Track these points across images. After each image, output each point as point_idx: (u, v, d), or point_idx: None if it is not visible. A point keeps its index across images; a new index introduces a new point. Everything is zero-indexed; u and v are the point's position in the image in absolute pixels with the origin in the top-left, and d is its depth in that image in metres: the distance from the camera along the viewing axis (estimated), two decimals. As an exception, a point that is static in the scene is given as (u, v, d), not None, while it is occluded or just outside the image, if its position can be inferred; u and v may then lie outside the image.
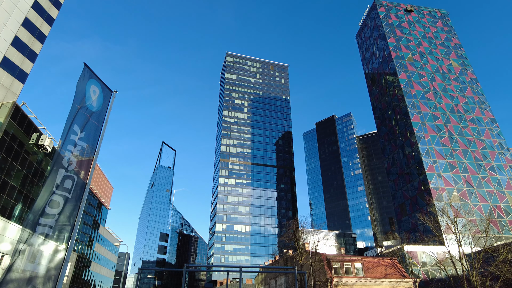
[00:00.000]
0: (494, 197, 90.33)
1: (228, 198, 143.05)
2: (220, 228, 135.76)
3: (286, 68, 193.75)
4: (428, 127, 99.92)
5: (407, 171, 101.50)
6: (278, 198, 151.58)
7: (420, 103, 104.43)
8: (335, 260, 48.50)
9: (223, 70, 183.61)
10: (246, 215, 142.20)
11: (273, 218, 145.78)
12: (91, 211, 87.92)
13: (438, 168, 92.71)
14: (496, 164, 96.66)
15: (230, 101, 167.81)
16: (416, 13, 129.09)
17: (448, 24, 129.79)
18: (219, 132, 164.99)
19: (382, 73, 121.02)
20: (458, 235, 47.57)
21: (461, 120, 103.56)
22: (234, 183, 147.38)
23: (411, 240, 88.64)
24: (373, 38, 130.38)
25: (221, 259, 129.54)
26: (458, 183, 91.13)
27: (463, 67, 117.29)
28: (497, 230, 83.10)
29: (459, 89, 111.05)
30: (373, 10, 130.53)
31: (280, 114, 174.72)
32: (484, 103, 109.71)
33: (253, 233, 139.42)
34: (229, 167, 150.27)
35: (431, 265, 67.19)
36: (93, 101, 11.70)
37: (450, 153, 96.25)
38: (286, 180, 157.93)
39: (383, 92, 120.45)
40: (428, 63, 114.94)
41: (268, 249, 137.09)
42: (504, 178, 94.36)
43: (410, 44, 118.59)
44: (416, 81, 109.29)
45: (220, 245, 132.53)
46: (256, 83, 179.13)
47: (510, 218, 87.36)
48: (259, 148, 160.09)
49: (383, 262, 50.80)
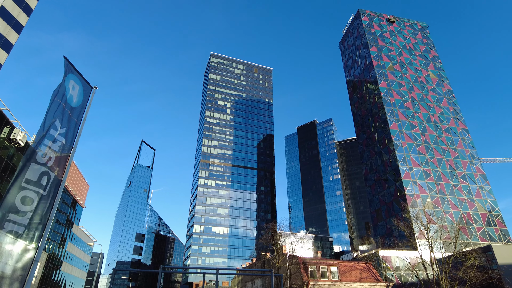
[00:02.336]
0: (464, 205, 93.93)
1: (207, 200, 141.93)
2: (198, 229, 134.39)
3: (270, 72, 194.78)
4: (406, 135, 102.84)
5: (384, 177, 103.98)
6: (257, 201, 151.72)
7: (399, 112, 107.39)
8: (311, 263, 48.99)
9: (207, 70, 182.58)
10: (225, 217, 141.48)
11: (252, 221, 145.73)
12: (65, 209, 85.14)
13: (414, 175, 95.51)
14: (467, 173, 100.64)
15: (213, 101, 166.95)
16: (397, 24, 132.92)
17: (427, 37, 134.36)
18: (200, 132, 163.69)
19: (363, 80, 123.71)
20: (430, 241, 49.18)
21: (436, 130, 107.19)
22: (214, 184, 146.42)
23: (386, 245, 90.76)
24: (355, 46, 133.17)
25: (197, 261, 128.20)
26: (432, 191, 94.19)
27: (440, 79, 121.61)
28: (466, 236, 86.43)
29: (436, 99, 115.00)
30: (357, 18, 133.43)
31: (263, 117, 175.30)
32: (458, 114, 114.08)
33: (231, 235, 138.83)
34: (210, 168, 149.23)
35: (404, 270, 68.97)
36: (73, 96, 11.38)
37: (425, 161, 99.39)
38: (266, 183, 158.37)
39: (363, 100, 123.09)
40: (408, 73, 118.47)
41: (246, 252, 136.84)
42: (474, 186, 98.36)
43: (391, 53, 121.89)
44: (395, 90, 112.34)
45: (198, 246, 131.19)
46: (239, 85, 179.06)
47: (479, 225, 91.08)
48: (240, 150, 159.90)
49: (358, 266, 51.74)
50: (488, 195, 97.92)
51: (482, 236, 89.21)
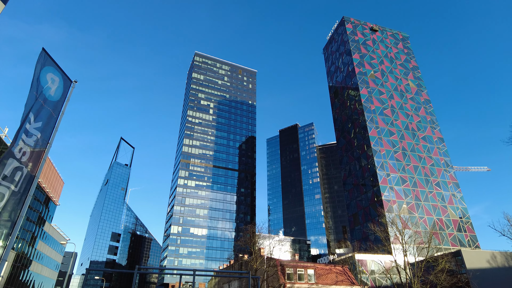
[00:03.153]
0: (437, 211, 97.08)
1: (186, 200, 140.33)
2: (175, 230, 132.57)
3: (254, 74, 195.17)
4: (384, 142, 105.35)
5: (362, 182, 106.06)
6: (237, 202, 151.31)
7: (378, 119, 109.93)
8: (289, 266, 49.27)
9: (191, 69, 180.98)
10: (203, 218, 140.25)
11: (231, 222, 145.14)
12: (37, 207, 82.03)
13: (391, 181, 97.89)
14: (441, 181, 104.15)
15: (196, 101, 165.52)
16: (380, 33, 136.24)
17: (408, 47, 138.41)
18: (181, 132, 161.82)
19: (345, 87, 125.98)
20: (404, 246, 50.52)
21: (414, 137, 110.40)
22: (194, 185, 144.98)
23: (362, 249, 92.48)
24: (339, 52, 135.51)
25: (174, 262, 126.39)
26: (408, 197, 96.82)
27: (419, 88, 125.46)
28: (438, 241, 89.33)
29: (414, 108, 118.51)
30: (341, 25, 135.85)
31: (246, 119, 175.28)
32: (435, 123, 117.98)
33: (209, 236, 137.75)
34: (190, 168, 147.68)
35: (379, 273, 70.45)
36: (51, 90, 10.96)
37: (402, 167, 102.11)
38: (247, 185, 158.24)
39: (344, 105, 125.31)
40: (388, 81, 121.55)
41: (224, 253, 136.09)
42: (448, 193, 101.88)
43: (373, 61, 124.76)
44: (376, 97, 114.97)
45: (175, 247, 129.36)
46: (223, 86, 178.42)
47: (450, 231, 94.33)
48: (222, 151, 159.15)
49: (334, 269, 52.44)
50: (459, 202, 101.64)
51: (453, 241, 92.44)
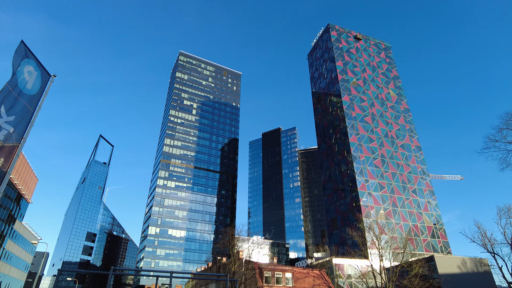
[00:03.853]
0: (413, 217, 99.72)
1: (165, 201, 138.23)
2: (153, 231, 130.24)
3: (239, 76, 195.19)
4: (364, 149, 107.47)
5: (341, 187, 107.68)
6: (217, 204, 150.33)
7: (359, 126, 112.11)
8: (267, 269, 49.30)
9: (175, 68, 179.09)
10: (182, 219, 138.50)
11: (210, 224, 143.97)
12: (7, 204, 78.77)
13: (369, 187, 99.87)
14: (418, 188, 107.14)
15: (179, 101, 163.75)
16: (364, 41, 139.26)
17: (390, 56, 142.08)
18: (163, 131, 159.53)
19: (328, 93, 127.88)
20: (380, 251, 51.54)
21: (393, 145, 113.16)
22: (174, 185, 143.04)
23: (340, 253, 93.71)
24: (323, 59, 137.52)
25: (151, 263, 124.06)
26: (385, 203, 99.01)
27: (399, 97, 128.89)
28: (413, 247, 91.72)
29: (394, 116, 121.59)
30: (326, 33, 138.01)
31: (229, 121, 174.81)
32: (413, 131, 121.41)
33: (188, 238, 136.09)
34: (170, 168, 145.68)
35: (355, 278, 71.53)
36: (28, 83, 10.57)
37: (381, 174, 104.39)
38: (228, 187, 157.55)
39: (326, 111, 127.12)
40: (370, 89, 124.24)
41: (202, 256, 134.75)
42: (423, 200, 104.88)
43: (356, 69, 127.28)
44: (357, 105, 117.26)
45: (152, 249, 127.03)
46: (207, 86, 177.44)
47: (424, 237, 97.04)
48: (203, 152, 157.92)
49: (312, 273, 52.85)
50: (434, 209, 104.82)
51: (427, 247, 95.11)
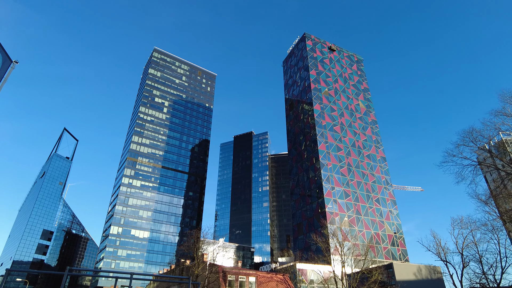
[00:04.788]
0: (375, 226, 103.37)
1: (130, 200, 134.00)
2: (115, 231, 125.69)
3: (214, 77, 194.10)
4: (332, 157, 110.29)
5: (308, 193, 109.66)
6: (184, 206, 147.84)
7: (328, 134, 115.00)
8: (231, 273, 49.07)
9: (148, 64, 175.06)
10: (146, 220, 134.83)
11: (175, 226, 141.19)
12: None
13: (335, 194, 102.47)
14: (381, 197, 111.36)
15: (150, 98, 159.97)
16: (337, 53, 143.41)
17: (361, 69, 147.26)
18: (131, 128, 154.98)
19: (300, 101, 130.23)
20: (343, 257, 52.90)
21: (359, 155, 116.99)
22: (139, 185, 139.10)
23: (304, 259, 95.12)
24: (297, 67, 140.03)
25: (111, 264, 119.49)
26: (350, 210, 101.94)
27: (368, 109, 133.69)
28: (374, 254, 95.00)
29: (362, 127, 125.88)
30: (302, 41, 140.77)
31: (201, 121, 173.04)
32: (379, 143, 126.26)
33: (151, 239, 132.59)
34: (137, 167, 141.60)
35: (317, 283, 72.81)
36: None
37: (346, 182, 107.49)
38: (196, 188, 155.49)
39: (298, 118, 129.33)
40: (340, 100, 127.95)
41: (165, 258, 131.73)
42: (385, 210, 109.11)
43: (328, 79, 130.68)
44: (327, 114, 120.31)
45: (113, 249, 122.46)
46: (181, 85, 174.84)
47: (385, 245, 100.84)
48: (173, 152, 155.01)
49: (275, 278, 53.24)
50: (395, 218, 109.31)
51: (387, 254, 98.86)
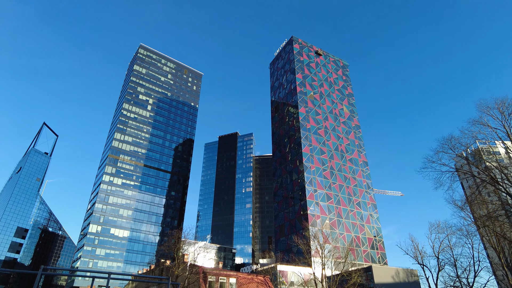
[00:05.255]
0: (356, 229, 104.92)
1: (110, 199, 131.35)
2: (94, 229, 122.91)
3: (200, 76, 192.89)
4: (315, 160, 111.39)
5: (291, 195, 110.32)
6: (166, 206, 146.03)
7: (312, 137, 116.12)
8: (211, 273, 48.79)
9: (133, 61, 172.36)
10: (127, 219, 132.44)
11: (156, 226, 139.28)
12: None
13: (317, 196, 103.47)
14: (362, 201, 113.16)
15: (134, 95, 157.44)
16: (324, 57, 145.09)
17: (347, 74, 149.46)
18: (114, 125, 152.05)
19: (286, 103, 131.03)
20: (323, 259, 53.43)
21: (342, 158, 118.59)
22: (120, 183, 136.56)
23: (285, 260, 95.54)
24: (284, 70, 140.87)
25: (89, 263, 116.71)
26: (331, 213, 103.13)
27: (351, 114, 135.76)
28: (354, 257, 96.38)
29: (345, 131, 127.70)
30: (289, 44, 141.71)
31: (185, 120, 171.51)
32: (362, 147, 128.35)
33: (131, 239, 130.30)
34: (118, 165, 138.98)
35: (298, 285, 73.24)
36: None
37: (329, 185, 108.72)
38: (178, 188, 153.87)
39: (283, 121, 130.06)
40: (325, 104, 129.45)
41: (145, 258, 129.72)
42: (366, 213, 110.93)
43: (314, 83, 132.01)
44: (312, 117, 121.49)
45: (91, 248, 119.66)
46: (166, 83, 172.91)
47: (365, 248, 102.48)
48: (156, 150, 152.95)
49: (256, 279, 53.25)
50: (375, 222, 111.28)
51: (366, 257, 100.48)
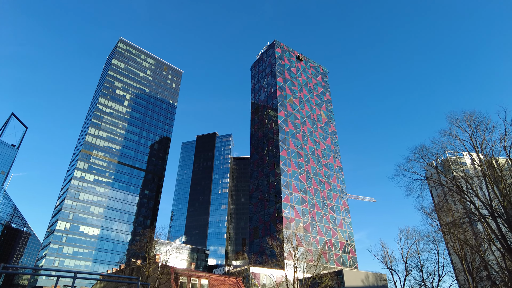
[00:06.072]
0: (329, 232, 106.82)
1: (81, 195, 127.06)
2: (62, 226, 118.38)
3: (180, 74, 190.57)
4: (292, 163, 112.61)
5: (267, 198, 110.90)
6: (139, 204, 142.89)
7: (290, 141, 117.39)
8: (183, 274, 48.24)
9: (112, 55, 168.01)
10: (98, 216, 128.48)
11: (128, 225, 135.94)
12: None
13: (292, 200, 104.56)
14: (336, 205, 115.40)
15: (111, 89, 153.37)
16: (304, 63, 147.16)
17: (326, 81, 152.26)
18: (88, 119, 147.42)
19: (266, 106, 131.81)
20: (296, 262, 54.04)
21: (318, 163, 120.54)
22: (93, 179, 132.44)
23: (258, 262, 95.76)
24: (265, 73, 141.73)
25: (55, 262, 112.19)
26: (305, 216, 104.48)
27: (329, 120, 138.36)
28: (326, 260, 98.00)
29: (322, 137, 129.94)
30: (271, 48, 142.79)
31: (163, 118, 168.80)
32: (337, 153, 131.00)
33: (101, 237, 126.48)
34: (91, 160, 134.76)
35: (270, 287, 73.58)
36: None
37: (304, 189, 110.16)
38: (152, 187, 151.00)
39: (262, 123, 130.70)
40: (304, 109, 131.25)
41: (115, 257, 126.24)
42: (339, 217, 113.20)
43: (294, 88, 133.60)
44: (291, 121, 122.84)
45: (58, 246, 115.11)
46: (145, 79, 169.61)
47: (337, 252, 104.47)
48: (131, 147, 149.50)
49: (228, 281, 53.11)
50: (348, 226, 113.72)
51: (338, 261, 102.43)
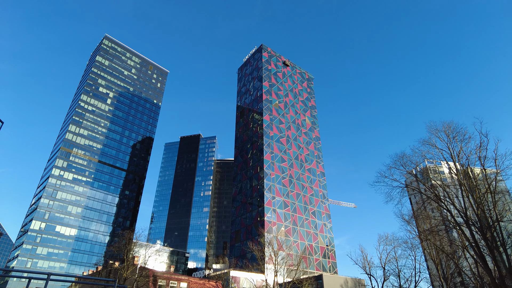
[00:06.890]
0: (309, 237, 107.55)
1: (58, 194, 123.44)
2: (37, 226, 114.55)
3: (165, 74, 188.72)
4: (275, 167, 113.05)
5: (249, 201, 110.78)
6: (118, 205, 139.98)
7: (274, 145, 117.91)
8: (162, 277, 47.53)
9: (96, 52, 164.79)
10: (75, 216, 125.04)
11: (107, 225, 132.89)
12: None
13: (275, 204, 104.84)
14: (317, 210, 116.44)
15: (94, 86, 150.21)
16: (291, 68, 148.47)
17: (311, 87, 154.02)
18: (69, 116, 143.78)
19: (251, 109, 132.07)
20: (276, 266, 54.15)
21: (301, 168, 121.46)
22: (71, 178, 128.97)
23: (238, 266, 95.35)
24: (251, 76, 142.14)
25: (27, 263, 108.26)
26: (287, 220, 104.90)
27: (313, 125, 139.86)
28: (306, 265, 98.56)
29: (306, 142, 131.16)
30: (258, 52, 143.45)
31: (146, 118, 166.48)
32: (320, 158, 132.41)
33: (78, 238, 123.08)
34: (70, 158, 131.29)
35: (249, 291, 73.30)
36: None
37: (287, 193, 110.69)
38: (133, 188, 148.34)
39: (247, 126, 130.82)
40: (289, 114, 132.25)
41: (92, 258, 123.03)
42: (320, 222, 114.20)
43: (280, 93, 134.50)
44: (276, 126, 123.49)
45: (31, 246, 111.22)
46: (129, 78, 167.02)
47: (317, 256, 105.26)
48: (112, 146, 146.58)
49: (208, 284, 52.66)
50: (329, 231, 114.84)
51: (318, 266, 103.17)
